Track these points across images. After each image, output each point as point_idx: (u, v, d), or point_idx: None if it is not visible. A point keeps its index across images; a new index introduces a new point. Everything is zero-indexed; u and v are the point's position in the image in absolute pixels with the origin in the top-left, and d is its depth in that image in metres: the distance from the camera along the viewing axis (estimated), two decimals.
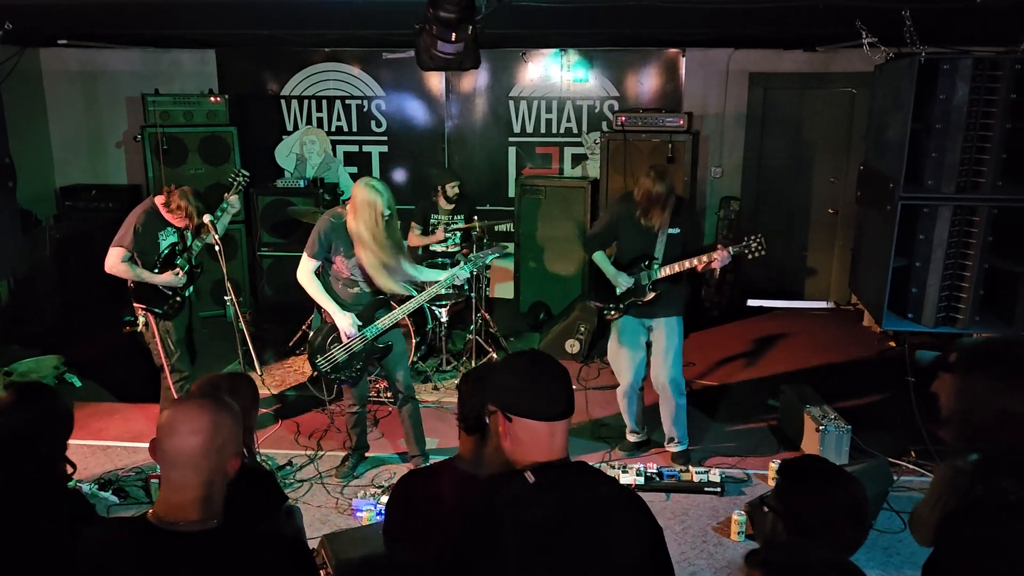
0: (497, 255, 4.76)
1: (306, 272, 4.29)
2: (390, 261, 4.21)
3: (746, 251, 4.39)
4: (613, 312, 4.73)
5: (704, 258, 4.42)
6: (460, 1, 2.81)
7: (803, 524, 1.82)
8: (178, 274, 4.71)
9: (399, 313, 4.36)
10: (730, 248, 4.41)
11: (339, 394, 5.65)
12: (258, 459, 2.71)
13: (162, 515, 1.76)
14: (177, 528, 1.74)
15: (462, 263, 4.52)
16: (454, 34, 3.03)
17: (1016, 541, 1.73)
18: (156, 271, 4.67)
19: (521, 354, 2.00)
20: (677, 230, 4.58)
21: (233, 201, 4.88)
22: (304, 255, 4.29)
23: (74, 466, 2.70)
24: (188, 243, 4.83)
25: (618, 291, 4.67)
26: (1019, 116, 3.73)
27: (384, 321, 4.35)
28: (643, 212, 4.51)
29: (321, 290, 4.31)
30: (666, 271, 4.53)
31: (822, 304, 7.91)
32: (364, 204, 4.11)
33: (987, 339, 2.10)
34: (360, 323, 4.32)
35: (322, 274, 4.45)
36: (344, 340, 4.34)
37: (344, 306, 4.33)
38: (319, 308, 4.40)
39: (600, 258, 4.76)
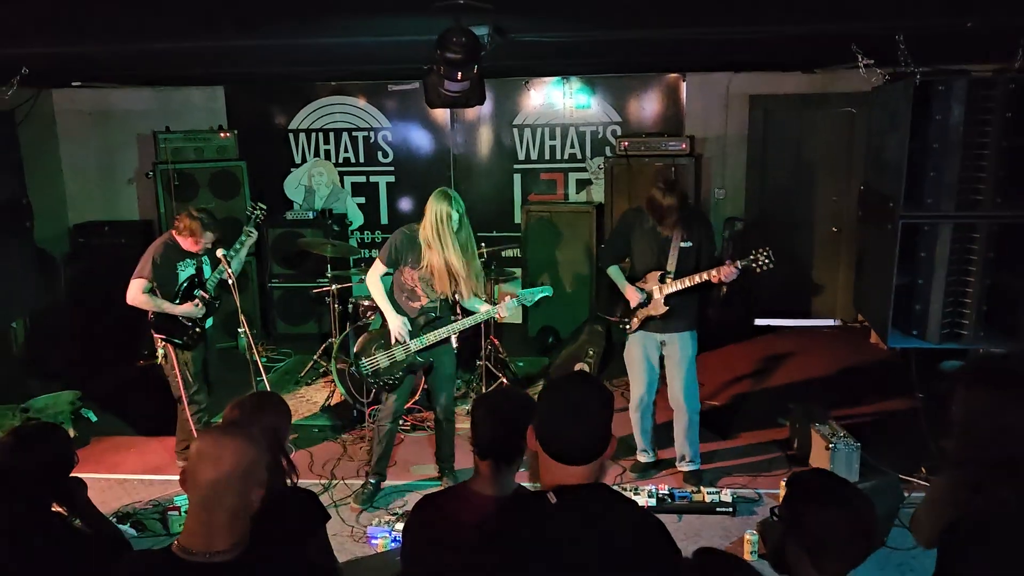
0: (546, 294, 4.75)
1: (374, 275, 4.58)
2: (456, 262, 4.40)
3: (754, 264, 4.39)
4: (627, 325, 4.77)
5: (714, 272, 4.43)
6: (465, 43, 2.93)
7: (811, 535, 1.86)
8: (197, 305, 4.81)
9: (444, 332, 4.53)
10: (738, 262, 4.39)
11: (352, 423, 5.72)
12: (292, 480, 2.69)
13: (187, 546, 1.81)
14: (201, 559, 1.79)
15: (508, 300, 4.61)
16: (460, 73, 3.14)
17: (1016, 552, 1.77)
18: (177, 302, 4.77)
19: (565, 384, 1.98)
20: (690, 243, 4.59)
21: (250, 230, 4.99)
22: (376, 260, 4.60)
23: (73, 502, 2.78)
24: (206, 276, 4.93)
25: (631, 305, 4.71)
26: (1014, 134, 3.79)
27: (430, 336, 4.52)
28: (659, 223, 4.53)
29: (383, 293, 4.58)
30: (676, 285, 4.54)
31: (829, 322, 7.95)
32: (430, 208, 4.39)
33: (989, 354, 2.14)
34: (410, 330, 4.53)
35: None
36: (392, 347, 4.55)
37: (401, 314, 4.57)
38: (381, 313, 4.63)
39: (615, 272, 4.78)
